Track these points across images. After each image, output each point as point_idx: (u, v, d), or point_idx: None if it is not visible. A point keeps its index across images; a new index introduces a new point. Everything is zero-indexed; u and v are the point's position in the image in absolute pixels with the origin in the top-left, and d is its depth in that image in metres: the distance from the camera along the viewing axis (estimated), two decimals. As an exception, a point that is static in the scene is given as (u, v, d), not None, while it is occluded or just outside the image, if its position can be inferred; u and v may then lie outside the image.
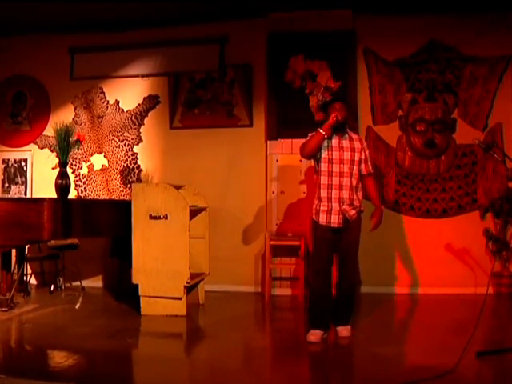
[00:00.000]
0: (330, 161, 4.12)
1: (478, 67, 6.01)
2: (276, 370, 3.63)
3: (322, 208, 4.13)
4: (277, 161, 6.19)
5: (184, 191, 5.49)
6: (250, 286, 6.24)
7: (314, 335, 4.06)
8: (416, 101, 6.11)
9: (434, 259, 5.95)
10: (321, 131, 4.05)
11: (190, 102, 6.54)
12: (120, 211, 5.38)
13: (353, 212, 4.11)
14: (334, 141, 4.15)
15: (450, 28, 6.03)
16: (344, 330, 4.17)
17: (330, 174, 4.12)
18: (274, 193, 6.19)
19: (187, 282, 4.89)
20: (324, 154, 4.14)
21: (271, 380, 3.45)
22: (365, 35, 6.16)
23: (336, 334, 4.18)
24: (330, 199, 4.11)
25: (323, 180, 4.13)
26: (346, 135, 4.19)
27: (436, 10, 5.90)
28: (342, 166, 4.11)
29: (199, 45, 6.49)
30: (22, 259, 5.73)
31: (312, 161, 4.37)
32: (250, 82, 6.40)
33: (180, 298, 4.91)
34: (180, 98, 6.57)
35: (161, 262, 4.91)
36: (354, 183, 4.15)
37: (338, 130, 4.15)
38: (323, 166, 4.14)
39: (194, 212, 5.42)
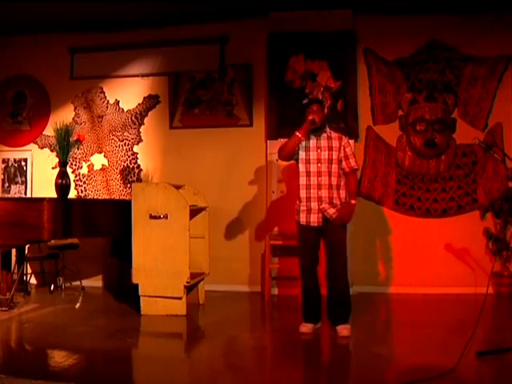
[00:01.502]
0: (308, 161, 4.21)
1: (478, 67, 6.01)
2: (276, 370, 3.62)
3: (301, 208, 4.23)
4: (277, 160, 6.17)
5: (184, 191, 5.49)
6: (250, 285, 6.24)
7: (306, 327, 4.29)
8: (416, 100, 6.11)
9: (433, 259, 5.95)
10: (297, 134, 4.14)
11: (190, 101, 6.54)
12: (120, 211, 5.38)
13: (332, 211, 4.16)
14: (312, 141, 4.24)
15: (450, 28, 6.04)
16: (344, 330, 4.17)
17: (308, 174, 4.21)
18: (273, 192, 6.18)
19: (187, 282, 4.89)
20: (302, 155, 4.24)
21: (271, 380, 3.45)
22: (365, 35, 6.16)
23: (335, 333, 4.18)
24: (308, 199, 4.19)
25: (302, 180, 4.23)
26: (324, 134, 4.24)
27: (436, 10, 5.90)
28: (319, 165, 4.18)
29: (199, 45, 6.49)
30: (22, 259, 5.73)
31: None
32: (250, 82, 6.40)
33: (180, 298, 4.91)
34: (180, 98, 6.57)
35: (161, 261, 4.91)
36: (334, 182, 4.19)
37: (316, 130, 4.23)
38: (301, 167, 4.24)
39: (194, 212, 5.42)
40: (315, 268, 4.27)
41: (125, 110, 6.72)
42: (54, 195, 5.35)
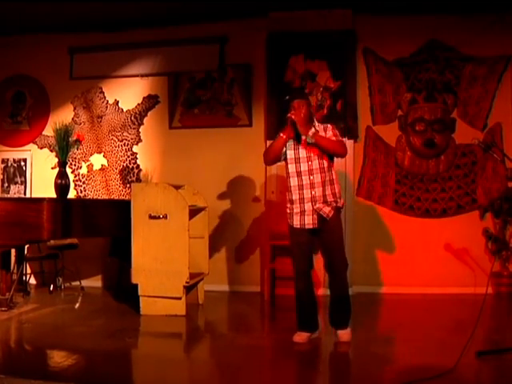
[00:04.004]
0: (297, 160, 3.97)
1: (478, 67, 6.01)
2: (275, 370, 3.62)
3: (295, 210, 4.00)
4: (276, 161, 6.17)
5: (183, 191, 5.48)
6: (250, 285, 6.24)
7: (300, 336, 4.04)
8: (415, 100, 6.11)
9: (433, 259, 5.95)
10: (281, 135, 3.95)
11: (190, 101, 6.54)
12: (119, 211, 5.37)
13: (328, 209, 3.94)
14: (301, 138, 3.98)
15: (450, 28, 6.04)
16: (344, 335, 4.05)
17: (298, 174, 3.97)
18: (273, 192, 6.18)
19: (187, 282, 4.89)
20: (290, 155, 4.00)
21: (271, 380, 3.45)
22: (365, 35, 6.16)
23: (336, 336, 4.15)
24: (302, 200, 3.97)
25: (293, 181, 3.99)
26: (313, 129, 3.94)
27: (436, 10, 5.90)
28: (310, 163, 3.95)
29: (199, 45, 6.49)
30: (21, 259, 5.73)
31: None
32: (249, 82, 6.40)
33: (179, 298, 4.91)
34: (179, 98, 6.57)
35: (160, 261, 4.91)
36: (327, 177, 3.97)
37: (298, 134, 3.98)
38: (291, 167, 4.00)
39: (194, 212, 5.42)
40: (310, 272, 4.05)
41: (124, 110, 6.72)
42: (54, 195, 5.35)
